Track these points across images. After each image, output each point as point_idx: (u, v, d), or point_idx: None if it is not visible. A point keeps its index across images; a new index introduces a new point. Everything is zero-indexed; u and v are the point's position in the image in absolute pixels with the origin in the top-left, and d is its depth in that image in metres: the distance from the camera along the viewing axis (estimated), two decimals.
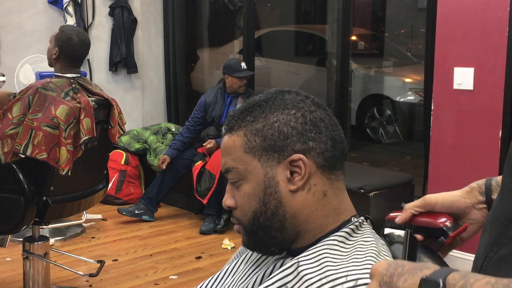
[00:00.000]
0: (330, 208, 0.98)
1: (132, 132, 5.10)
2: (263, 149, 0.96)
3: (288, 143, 0.95)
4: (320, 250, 0.92)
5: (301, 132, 0.96)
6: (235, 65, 4.31)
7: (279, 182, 0.96)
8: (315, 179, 0.96)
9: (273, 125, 0.96)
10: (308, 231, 0.97)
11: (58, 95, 2.62)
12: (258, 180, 0.97)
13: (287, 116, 0.96)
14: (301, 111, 0.97)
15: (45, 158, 2.52)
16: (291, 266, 0.91)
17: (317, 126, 0.96)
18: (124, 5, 5.22)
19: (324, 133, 0.97)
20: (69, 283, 3.33)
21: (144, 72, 5.51)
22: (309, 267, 0.89)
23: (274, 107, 0.97)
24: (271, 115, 0.96)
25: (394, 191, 3.51)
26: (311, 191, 0.97)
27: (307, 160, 0.95)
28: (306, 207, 0.96)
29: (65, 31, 2.78)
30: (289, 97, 0.99)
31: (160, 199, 4.48)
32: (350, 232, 0.96)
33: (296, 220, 0.97)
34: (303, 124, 0.96)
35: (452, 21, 3.26)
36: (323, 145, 0.96)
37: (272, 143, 0.96)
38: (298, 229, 0.97)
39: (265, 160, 0.96)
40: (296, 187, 0.95)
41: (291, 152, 0.95)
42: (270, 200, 0.97)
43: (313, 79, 6.85)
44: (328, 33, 6.37)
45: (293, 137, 0.95)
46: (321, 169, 0.97)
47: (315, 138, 0.96)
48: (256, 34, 5.39)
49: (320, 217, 0.97)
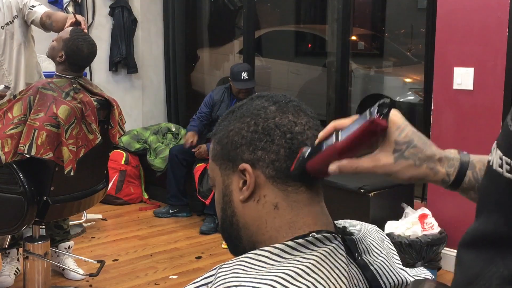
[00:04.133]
0: (282, 221, 0.91)
1: (132, 132, 5.11)
2: (222, 158, 0.95)
3: (238, 153, 0.92)
4: (244, 257, 0.87)
5: (250, 141, 0.91)
6: (236, 74, 4.31)
7: (233, 191, 0.94)
8: (265, 190, 0.91)
9: (229, 134, 0.93)
10: (260, 243, 0.92)
11: (59, 95, 2.63)
12: (219, 187, 0.96)
13: (242, 124, 0.93)
14: (255, 119, 0.92)
15: (51, 157, 2.52)
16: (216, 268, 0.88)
17: (269, 135, 0.90)
18: (124, 5, 5.22)
19: (277, 142, 0.90)
20: (69, 283, 3.33)
21: (144, 72, 5.51)
22: (222, 271, 0.85)
23: (238, 114, 0.94)
24: (232, 124, 0.94)
25: (394, 191, 3.51)
26: (260, 202, 0.92)
27: (251, 170, 0.90)
28: (256, 218, 0.92)
29: (76, 39, 2.78)
30: (254, 103, 0.94)
31: (182, 189, 4.53)
32: (294, 246, 0.86)
33: (248, 230, 0.94)
34: (253, 132, 0.91)
35: (452, 21, 3.26)
36: (273, 154, 0.90)
37: (226, 152, 0.93)
38: (252, 240, 0.94)
39: (223, 168, 0.95)
40: (244, 197, 0.92)
41: (241, 162, 0.92)
42: (227, 208, 0.95)
43: (313, 79, 6.84)
44: (328, 33, 6.36)
45: (243, 146, 0.91)
46: (271, 180, 0.91)
47: (265, 147, 0.90)
48: (256, 34, 5.39)
49: (270, 230, 0.91)
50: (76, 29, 2.87)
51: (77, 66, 2.83)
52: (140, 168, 5.06)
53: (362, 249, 0.94)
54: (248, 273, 0.83)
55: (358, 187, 3.39)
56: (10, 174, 2.59)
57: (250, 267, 0.84)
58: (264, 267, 0.84)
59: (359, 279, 0.90)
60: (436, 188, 3.44)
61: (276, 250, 0.86)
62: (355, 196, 3.40)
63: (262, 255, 0.86)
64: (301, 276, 0.82)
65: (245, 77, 4.29)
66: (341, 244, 0.89)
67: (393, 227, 3.26)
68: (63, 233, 3.35)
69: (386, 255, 0.98)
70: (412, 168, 0.85)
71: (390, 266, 0.97)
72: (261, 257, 0.86)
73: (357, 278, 0.90)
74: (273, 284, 0.79)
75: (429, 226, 3.22)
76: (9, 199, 2.60)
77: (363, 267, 0.92)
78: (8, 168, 2.58)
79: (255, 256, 0.86)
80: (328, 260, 0.86)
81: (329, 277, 0.84)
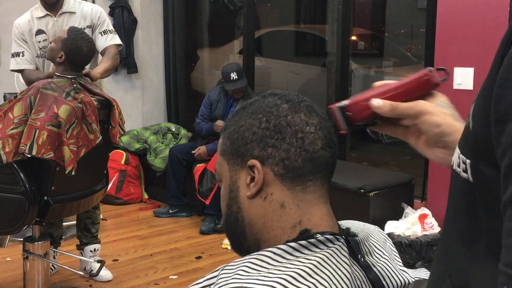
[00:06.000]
0: (288, 220, 0.90)
1: (132, 132, 5.11)
2: (231, 153, 0.94)
3: (248, 148, 0.91)
4: (249, 257, 0.86)
5: (261, 137, 0.91)
6: (226, 75, 4.30)
7: (240, 187, 0.93)
8: (272, 188, 0.91)
9: (240, 129, 0.93)
10: (265, 241, 0.92)
11: (59, 95, 2.63)
12: (226, 183, 0.96)
13: (253, 120, 0.92)
14: (267, 116, 0.91)
15: (52, 157, 2.53)
16: (219, 269, 0.88)
17: (280, 132, 0.90)
18: (124, 5, 5.22)
19: (288, 140, 0.89)
20: (69, 283, 3.33)
21: (144, 72, 5.51)
22: (225, 272, 0.85)
23: (250, 110, 0.94)
24: (243, 119, 0.94)
25: (394, 191, 3.51)
26: (267, 200, 0.91)
27: (260, 167, 0.90)
28: (262, 216, 0.92)
29: (75, 39, 2.79)
30: (267, 101, 0.94)
31: (182, 189, 4.53)
32: (297, 247, 0.86)
33: (253, 228, 0.93)
34: (264, 129, 0.91)
35: (452, 21, 3.27)
36: (283, 152, 0.89)
37: (236, 147, 0.93)
38: (257, 237, 0.93)
39: (232, 163, 0.94)
40: (251, 194, 0.91)
41: (250, 158, 0.91)
42: (232, 204, 0.95)
43: (313, 79, 6.84)
44: (328, 33, 6.36)
45: (253, 142, 0.91)
46: (280, 178, 0.90)
47: (276, 144, 0.90)
48: (256, 34, 5.39)
49: (275, 228, 0.91)
50: (73, 28, 2.88)
51: (77, 65, 2.83)
52: (140, 168, 5.06)
53: (365, 250, 0.94)
54: (251, 275, 0.82)
55: (358, 187, 3.40)
56: (11, 174, 2.59)
57: (253, 268, 0.84)
58: (266, 268, 0.84)
59: (362, 281, 0.90)
60: (436, 188, 3.45)
61: (279, 251, 0.85)
62: (355, 196, 3.40)
63: (265, 255, 0.85)
64: (303, 278, 0.81)
65: (234, 77, 4.27)
66: (344, 246, 0.89)
67: (393, 227, 3.26)
68: (91, 236, 3.38)
69: (389, 256, 0.98)
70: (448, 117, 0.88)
71: (392, 267, 0.97)
72: (264, 257, 0.85)
73: (360, 280, 0.89)
74: (276, 286, 0.79)
75: (429, 226, 3.22)
76: (10, 199, 2.60)
77: (366, 268, 0.91)
78: (9, 168, 2.58)
79: (258, 257, 0.85)
80: (330, 261, 0.85)
81: (332, 278, 0.83)
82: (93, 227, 3.38)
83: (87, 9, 3.38)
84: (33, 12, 3.36)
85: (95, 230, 3.39)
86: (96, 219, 3.39)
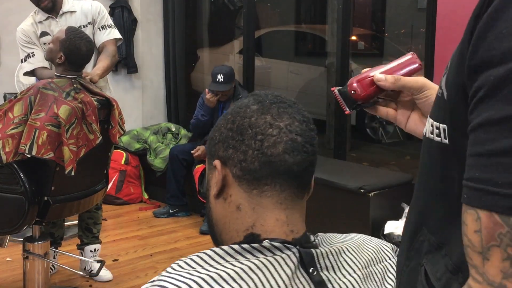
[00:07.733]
0: (242, 224, 0.89)
1: (132, 132, 5.11)
2: (208, 152, 0.96)
3: (216, 149, 0.92)
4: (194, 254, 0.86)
5: (225, 138, 0.90)
6: (213, 75, 4.27)
7: (211, 187, 0.94)
8: (232, 190, 0.90)
9: (214, 129, 0.94)
10: (224, 242, 0.92)
11: (59, 95, 2.63)
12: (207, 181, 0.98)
13: (223, 120, 0.92)
14: (234, 117, 0.90)
15: (52, 157, 2.53)
16: None
17: (241, 134, 0.88)
18: (124, 5, 5.23)
19: (247, 142, 0.87)
20: (69, 283, 3.33)
21: (144, 72, 5.51)
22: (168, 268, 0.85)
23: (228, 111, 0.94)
24: (220, 119, 0.94)
25: (394, 191, 3.51)
26: (227, 201, 0.91)
27: (220, 168, 0.90)
28: (222, 217, 0.92)
29: (73, 39, 2.79)
30: (243, 101, 0.93)
31: (182, 190, 4.54)
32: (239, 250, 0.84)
33: (217, 228, 0.94)
34: (229, 130, 0.90)
35: (452, 21, 3.27)
36: (241, 154, 0.87)
37: (209, 147, 0.94)
38: (221, 238, 0.93)
39: (209, 163, 0.95)
40: (214, 194, 0.92)
41: (216, 158, 0.92)
42: (207, 203, 0.96)
43: (313, 79, 6.84)
44: (328, 33, 6.37)
45: (219, 143, 0.91)
46: (238, 180, 0.89)
47: (235, 146, 0.88)
48: (256, 34, 5.39)
49: (231, 230, 0.90)
50: (71, 28, 2.88)
51: (77, 65, 2.83)
52: (140, 168, 5.06)
53: (326, 264, 0.89)
54: (178, 272, 0.82)
55: (358, 187, 3.40)
56: (11, 174, 2.59)
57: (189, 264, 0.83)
58: (201, 266, 0.83)
59: None
60: None
61: (221, 252, 0.84)
62: (355, 196, 3.40)
63: (206, 253, 0.85)
64: (224, 281, 0.79)
65: (220, 79, 4.23)
66: (295, 256, 0.85)
67: (393, 227, 3.26)
68: (92, 237, 3.39)
69: (366, 276, 0.93)
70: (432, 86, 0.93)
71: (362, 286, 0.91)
72: (205, 255, 0.85)
73: None
74: (192, 284, 0.78)
75: None
76: (10, 199, 2.60)
77: (318, 283, 0.86)
78: (9, 168, 2.58)
79: (201, 254, 0.85)
80: (266, 269, 0.82)
81: (259, 286, 0.80)
82: (95, 228, 3.38)
83: (87, 6, 3.39)
84: (35, 17, 3.37)
85: (97, 231, 3.40)
86: (98, 219, 3.39)
